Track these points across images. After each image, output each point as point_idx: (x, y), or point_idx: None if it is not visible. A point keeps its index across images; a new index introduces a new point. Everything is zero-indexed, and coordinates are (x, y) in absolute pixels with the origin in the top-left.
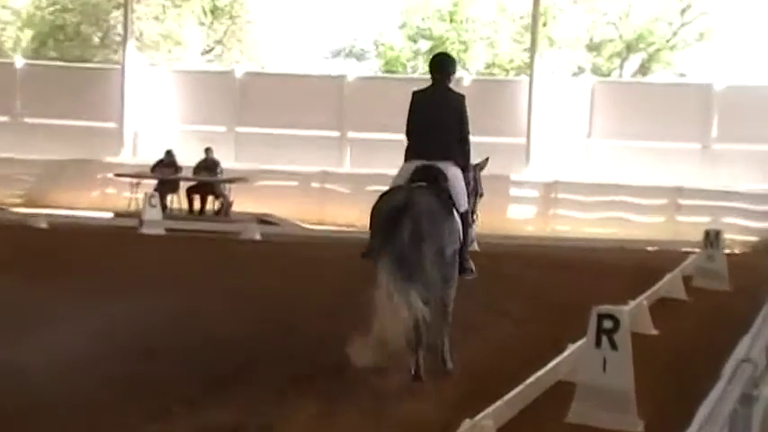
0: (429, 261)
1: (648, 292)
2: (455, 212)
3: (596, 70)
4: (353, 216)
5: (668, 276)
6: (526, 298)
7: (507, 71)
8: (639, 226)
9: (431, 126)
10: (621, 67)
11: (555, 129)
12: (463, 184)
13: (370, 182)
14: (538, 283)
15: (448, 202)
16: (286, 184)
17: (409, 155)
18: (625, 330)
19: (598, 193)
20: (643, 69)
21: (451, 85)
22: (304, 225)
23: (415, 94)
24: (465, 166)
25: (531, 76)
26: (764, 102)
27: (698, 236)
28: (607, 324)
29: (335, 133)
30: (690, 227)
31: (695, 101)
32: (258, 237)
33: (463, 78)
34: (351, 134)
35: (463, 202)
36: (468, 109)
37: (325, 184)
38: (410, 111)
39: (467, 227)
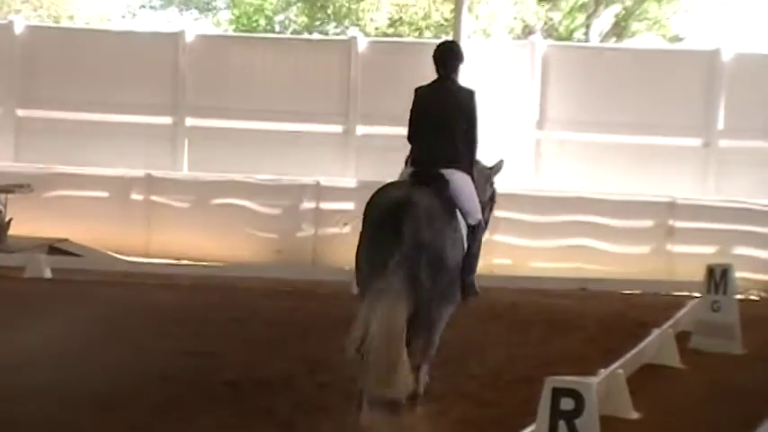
0: (425, 273)
1: (626, 357)
2: (459, 219)
3: (551, 30)
4: (194, 242)
5: (655, 333)
6: (446, 363)
7: (421, 30)
8: (613, 258)
9: (436, 129)
10: (588, 25)
11: (490, 116)
12: (473, 190)
13: (218, 191)
14: (463, 342)
15: (451, 205)
16: (92, 195)
17: (410, 162)
18: (592, 413)
19: (553, 211)
20: (618, 30)
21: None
22: (119, 256)
23: (417, 91)
24: (471, 172)
25: (455, 37)
26: None
27: (698, 274)
28: (566, 404)
29: (167, 119)
30: (686, 260)
31: (694, 76)
32: (48, 274)
33: (356, 40)
34: (190, 121)
35: (473, 212)
36: (475, 105)
37: (152, 194)
38: (412, 111)
39: (476, 240)
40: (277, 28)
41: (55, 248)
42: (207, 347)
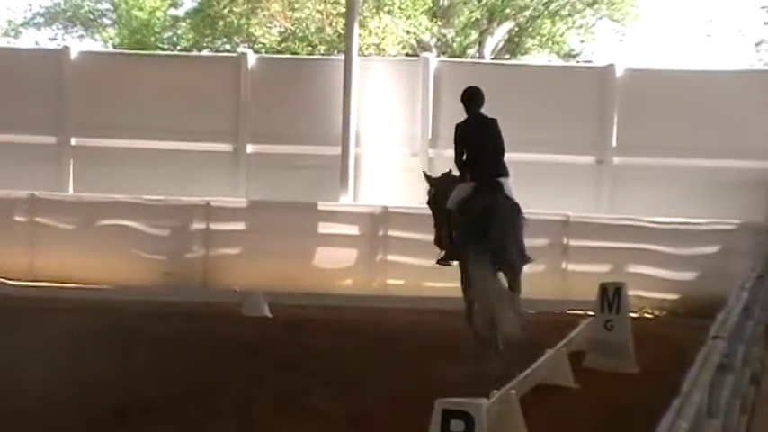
0: (512, 247)
1: (519, 377)
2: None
3: (444, 47)
4: (80, 264)
5: (548, 353)
6: (343, 386)
7: (313, 47)
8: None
9: (481, 151)
10: (481, 42)
11: (383, 134)
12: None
13: (105, 212)
14: (360, 364)
15: (518, 205)
16: None
17: (471, 177)
18: None
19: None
20: (511, 46)
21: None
22: (1, 279)
23: (458, 126)
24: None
25: (347, 54)
26: (688, 95)
27: (592, 292)
28: (456, 426)
29: (51, 138)
30: (581, 279)
31: (588, 93)
32: None
33: (246, 57)
34: (75, 140)
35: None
36: (499, 126)
37: (36, 216)
38: (458, 141)
39: (522, 220)
40: (165, 45)
41: None
42: (92, 372)
